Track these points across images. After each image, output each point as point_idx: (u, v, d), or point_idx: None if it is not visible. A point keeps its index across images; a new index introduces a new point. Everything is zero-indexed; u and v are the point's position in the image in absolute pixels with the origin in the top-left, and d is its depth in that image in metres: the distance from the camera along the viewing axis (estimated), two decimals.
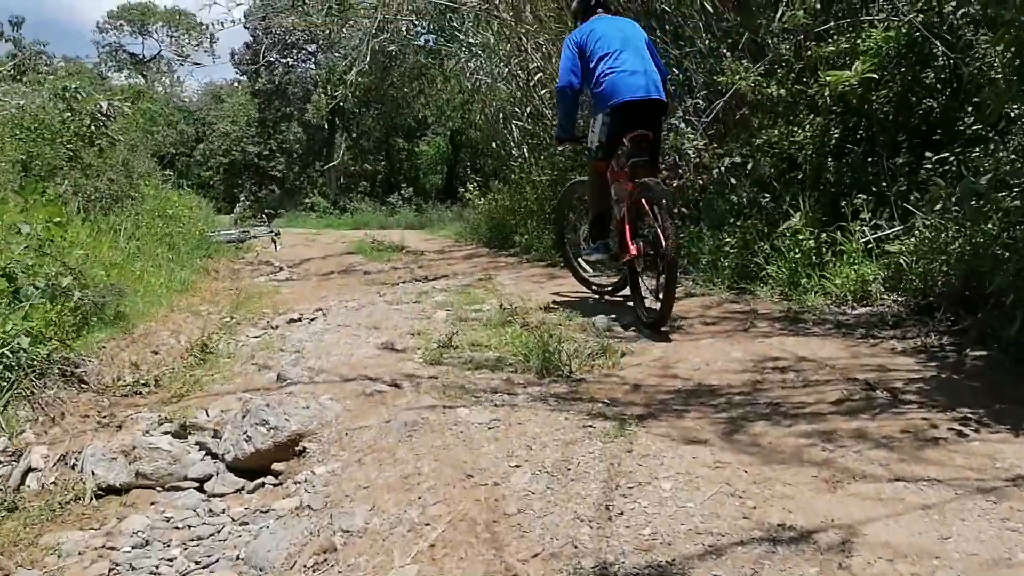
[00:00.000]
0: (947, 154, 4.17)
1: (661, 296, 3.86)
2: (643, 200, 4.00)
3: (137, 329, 4.35)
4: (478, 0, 8.55)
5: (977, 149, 4.06)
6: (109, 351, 3.87)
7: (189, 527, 2.40)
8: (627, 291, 4.58)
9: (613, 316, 4.19)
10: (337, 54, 21.19)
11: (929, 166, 4.23)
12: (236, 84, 31.37)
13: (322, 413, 2.87)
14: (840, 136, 4.62)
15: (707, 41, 5.63)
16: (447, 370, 3.35)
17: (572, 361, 3.28)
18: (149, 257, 6.21)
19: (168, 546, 2.27)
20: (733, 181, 4.91)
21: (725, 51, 5.37)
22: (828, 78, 4.06)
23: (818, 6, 4.58)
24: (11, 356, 3.03)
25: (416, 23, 11.37)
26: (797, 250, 4.25)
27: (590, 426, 2.56)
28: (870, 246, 4.03)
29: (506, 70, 9.08)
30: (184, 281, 6.15)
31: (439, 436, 2.57)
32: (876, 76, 4.09)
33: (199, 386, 3.54)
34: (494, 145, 10.85)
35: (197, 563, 2.15)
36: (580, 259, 5.07)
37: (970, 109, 4.38)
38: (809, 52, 4.50)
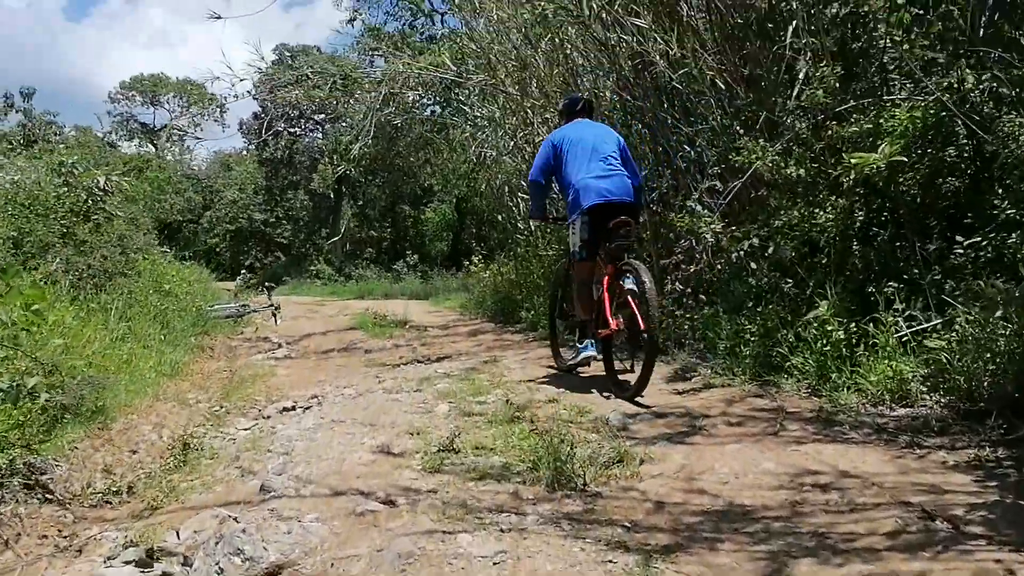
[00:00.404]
0: (980, 239, 3.93)
1: (638, 372, 4.15)
2: (623, 283, 4.24)
3: (116, 424, 4.05)
4: (484, 75, 8.51)
5: (1013, 235, 3.82)
6: (81, 452, 3.56)
7: None
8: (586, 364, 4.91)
9: (629, 414, 3.88)
10: (343, 124, 21.48)
11: (961, 251, 3.98)
12: (244, 152, 31.86)
13: (306, 538, 2.54)
14: (865, 219, 4.38)
15: (720, 119, 5.47)
16: (448, 480, 3.03)
17: (586, 471, 2.96)
18: (140, 338, 5.94)
19: None
20: (753, 265, 4.65)
21: (739, 128, 5.19)
22: (853, 160, 3.84)
23: (837, 85, 4.40)
24: None
25: (422, 95, 11.39)
26: (825, 341, 3.95)
27: (610, 561, 2.24)
28: (905, 339, 3.74)
29: (512, 143, 8.98)
30: (175, 363, 5.87)
31: (437, 572, 2.24)
32: (905, 159, 3.87)
33: (175, 495, 3.21)
34: (499, 218, 10.69)
35: None
36: (569, 363, 5.18)
37: (1000, 191, 4.16)
38: (830, 132, 4.29)
